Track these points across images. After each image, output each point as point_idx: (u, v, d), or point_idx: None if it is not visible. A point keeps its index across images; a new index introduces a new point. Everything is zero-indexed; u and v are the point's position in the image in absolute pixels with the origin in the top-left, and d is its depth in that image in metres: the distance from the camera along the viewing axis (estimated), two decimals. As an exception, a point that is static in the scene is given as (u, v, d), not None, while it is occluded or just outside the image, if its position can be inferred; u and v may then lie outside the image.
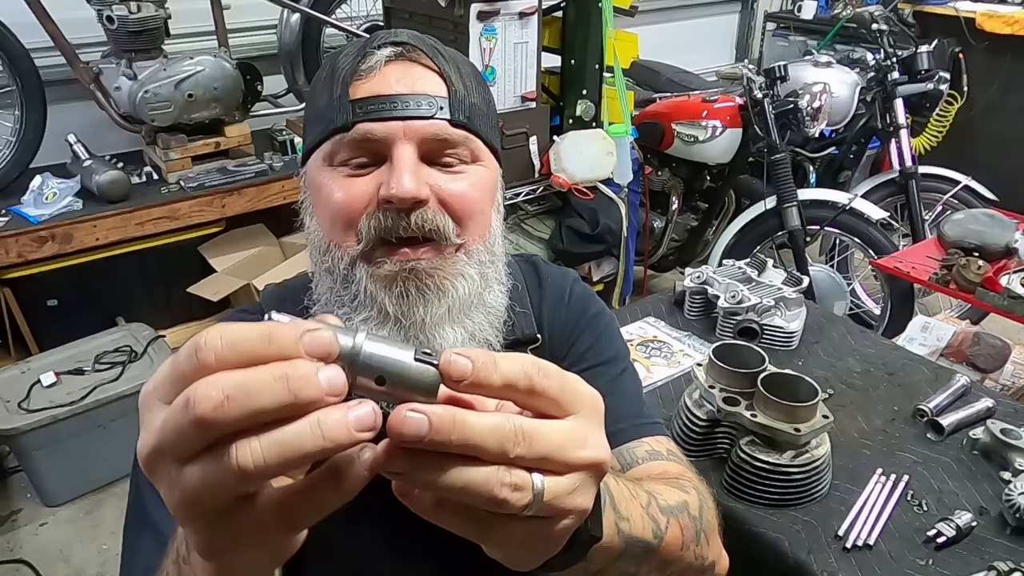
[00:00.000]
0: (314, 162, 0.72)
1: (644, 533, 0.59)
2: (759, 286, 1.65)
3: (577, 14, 2.48)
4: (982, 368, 1.85)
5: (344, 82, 0.69)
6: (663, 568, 0.63)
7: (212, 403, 0.32)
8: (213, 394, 0.32)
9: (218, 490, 0.34)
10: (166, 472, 0.35)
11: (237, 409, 0.32)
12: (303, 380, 0.33)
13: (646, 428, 0.82)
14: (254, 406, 0.32)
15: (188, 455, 0.34)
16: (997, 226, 2.11)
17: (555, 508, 0.40)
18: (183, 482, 0.34)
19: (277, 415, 0.33)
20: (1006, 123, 3.79)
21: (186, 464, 0.34)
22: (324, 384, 0.33)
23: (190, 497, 0.34)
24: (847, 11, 3.93)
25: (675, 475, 0.75)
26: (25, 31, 2.26)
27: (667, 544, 0.62)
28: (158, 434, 0.34)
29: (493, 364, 0.38)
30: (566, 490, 0.40)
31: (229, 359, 0.33)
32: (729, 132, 2.81)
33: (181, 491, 0.34)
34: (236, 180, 2.55)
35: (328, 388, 0.33)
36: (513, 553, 0.43)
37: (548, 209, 2.78)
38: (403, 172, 0.66)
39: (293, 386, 0.33)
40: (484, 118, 0.73)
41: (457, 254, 0.69)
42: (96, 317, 2.60)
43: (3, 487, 2.35)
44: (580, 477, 0.41)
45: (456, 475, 0.37)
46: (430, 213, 0.67)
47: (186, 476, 0.34)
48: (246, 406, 0.32)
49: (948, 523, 1.07)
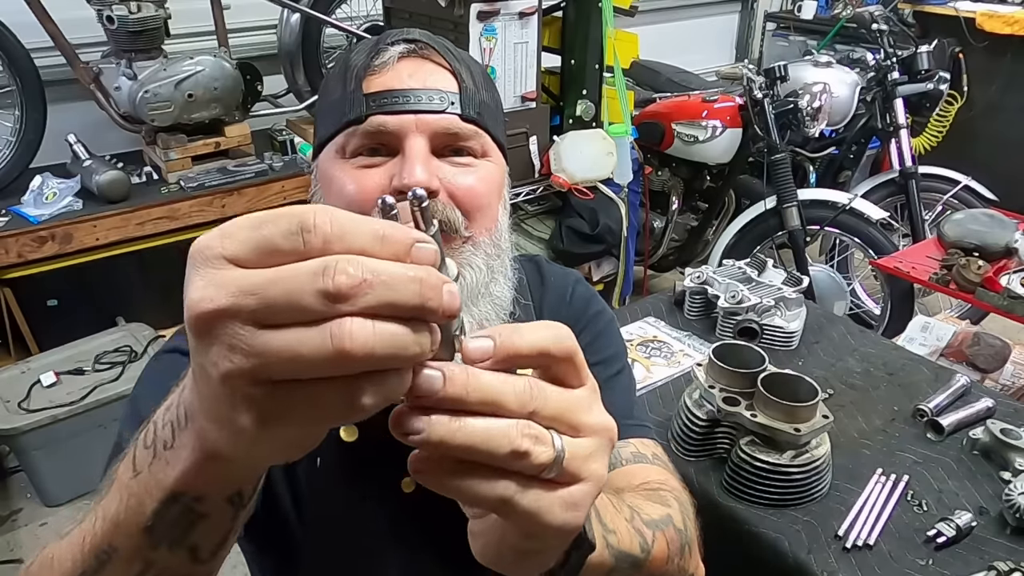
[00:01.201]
0: (326, 155, 0.74)
1: (631, 547, 0.58)
2: (759, 286, 1.65)
3: (577, 14, 2.48)
4: (982, 368, 1.85)
5: (357, 77, 0.71)
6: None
7: (353, 280, 0.31)
8: (353, 271, 0.31)
9: (298, 363, 0.31)
10: (231, 332, 0.32)
11: (374, 295, 0.31)
12: (433, 290, 0.33)
13: (634, 430, 0.82)
14: (389, 298, 0.32)
15: (281, 322, 0.32)
16: (997, 226, 2.11)
17: (574, 472, 0.39)
18: (257, 345, 0.31)
19: (401, 313, 0.32)
20: (1006, 123, 3.79)
21: (269, 329, 0.32)
22: (446, 299, 0.33)
23: (259, 364, 0.32)
24: (847, 11, 3.94)
25: (657, 482, 0.74)
26: (25, 31, 2.26)
27: (654, 558, 0.62)
28: (236, 293, 0.32)
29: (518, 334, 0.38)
30: (584, 451, 0.39)
31: (335, 249, 0.32)
32: (729, 132, 2.81)
33: (248, 354, 0.32)
34: (236, 180, 2.55)
35: (448, 305, 0.33)
36: (531, 537, 0.41)
37: (548, 209, 2.78)
38: (415, 163, 0.67)
39: (424, 292, 0.32)
40: (493, 115, 0.75)
41: (464, 246, 0.71)
42: (96, 317, 2.60)
43: (3, 487, 2.35)
44: (595, 441, 0.40)
45: (476, 425, 0.36)
46: (440, 206, 0.68)
47: (264, 340, 0.31)
48: (382, 296, 0.32)
49: (948, 523, 1.07)
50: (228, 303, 0.32)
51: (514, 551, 0.43)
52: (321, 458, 0.74)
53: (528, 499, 0.38)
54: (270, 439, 0.35)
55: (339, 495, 0.74)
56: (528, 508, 0.38)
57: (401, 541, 0.75)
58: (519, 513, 0.38)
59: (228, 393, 0.33)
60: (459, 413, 0.36)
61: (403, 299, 0.32)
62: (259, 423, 0.33)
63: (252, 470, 0.42)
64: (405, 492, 0.74)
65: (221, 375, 0.32)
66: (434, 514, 0.76)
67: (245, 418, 0.33)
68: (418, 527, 0.75)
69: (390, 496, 0.73)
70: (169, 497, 0.41)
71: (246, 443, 0.35)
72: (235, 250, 0.33)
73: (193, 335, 0.33)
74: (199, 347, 0.33)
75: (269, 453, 0.37)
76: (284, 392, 0.33)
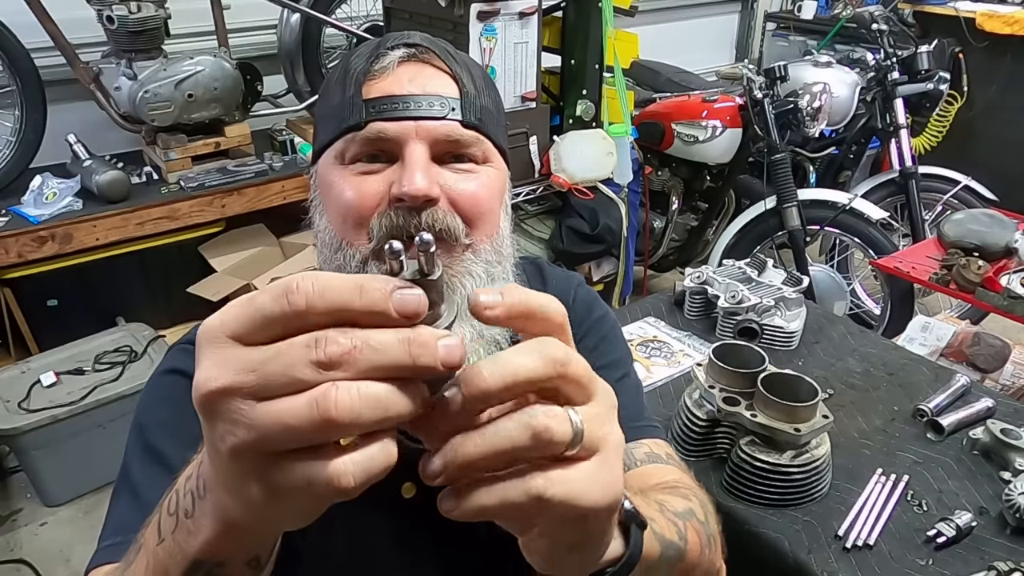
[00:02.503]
0: (325, 160, 0.73)
1: (671, 535, 0.59)
2: (759, 286, 1.65)
3: (577, 14, 2.48)
4: (982, 368, 1.85)
5: (357, 82, 0.70)
6: (689, 574, 0.62)
7: (343, 348, 0.33)
8: (343, 340, 0.33)
9: (291, 432, 0.33)
10: (233, 408, 0.34)
11: (365, 360, 0.33)
12: (423, 347, 0.34)
13: (645, 431, 0.82)
14: (380, 361, 0.34)
15: (276, 394, 0.34)
16: (997, 226, 2.11)
17: (596, 439, 0.39)
18: (255, 418, 0.34)
19: (395, 373, 0.34)
20: (1006, 123, 3.79)
21: (265, 402, 0.34)
22: (442, 354, 0.34)
23: (260, 437, 0.34)
24: (847, 11, 3.94)
25: (673, 481, 0.75)
26: (25, 31, 2.26)
27: (690, 547, 0.62)
28: (237, 371, 0.34)
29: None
30: (599, 416, 0.40)
31: (318, 306, 0.34)
32: (729, 132, 2.81)
33: (249, 428, 0.34)
34: (236, 180, 2.55)
35: (446, 358, 0.34)
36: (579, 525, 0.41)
37: (548, 209, 2.78)
38: (415, 170, 0.66)
39: (413, 351, 0.34)
40: (494, 120, 0.74)
41: (465, 253, 0.70)
42: (96, 317, 2.60)
43: (3, 487, 2.35)
44: (603, 405, 0.41)
45: (490, 429, 0.37)
46: (440, 213, 0.67)
47: (260, 412, 0.34)
48: (373, 360, 0.34)
49: (948, 523, 1.07)
50: (229, 381, 0.34)
51: (570, 548, 0.43)
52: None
53: (559, 487, 0.38)
54: (281, 508, 0.37)
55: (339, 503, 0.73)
56: (564, 496, 0.38)
57: (402, 547, 0.75)
58: (557, 504, 0.38)
59: (237, 466, 0.35)
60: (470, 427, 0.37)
61: (393, 360, 0.34)
62: (268, 494, 0.35)
63: (268, 536, 0.44)
64: (405, 498, 0.73)
65: (228, 449, 0.35)
66: (435, 520, 0.76)
67: (255, 489, 0.35)
68: (419, 533, 0.75)
69: (390, 502, 0.73)
70: (193, 564, 0.43)
71: (259, 513, 0.37)
72: (234, 326, 0.35)
73: (201, 414, 0.36)
74: (207, 424, 0.36)
75: (281, 521, 0.39)
76: (288, 463, 0.34)
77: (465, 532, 0.79)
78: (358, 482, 0.35)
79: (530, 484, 0.38)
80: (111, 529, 0.66)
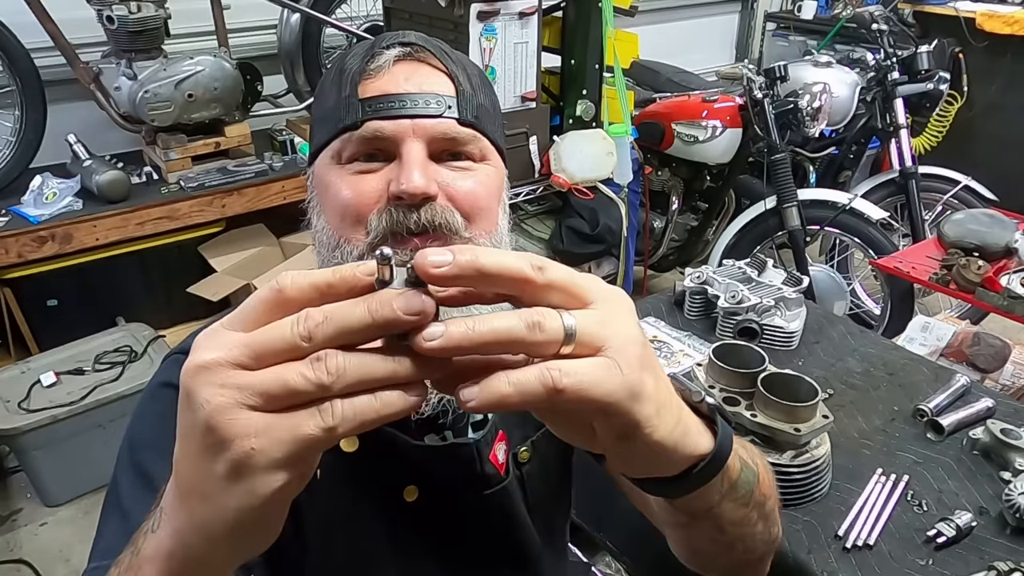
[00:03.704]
0: (322, 161, 0.73)
1: (746, 457, 0.59)
2: (759, 286, 1.65)
3: (577, 14, 2.48)
4: (982, 368, 1.85)
5: (353, 81, 0.70)
6: (763, 505, 0.63)
7: (317, 318, 0.38)
8: (315, 314, 0.38)
9: (284, 387, 0.38)
10: (222, 374, 0.38)
11: (332, 325, 0.38)
12: (382, 304, 0.38)
13: None
14: (344, 324, 0.38)
15: (265, 364, 0.38)
16: (997, 226, 2.11)
17: (592, 337, 0.41)
18: (245, 380, 0.38)
19: (366, 334, 0.39)
20: (1006, 123, 3.79)
21: (251, 369, 0.38)
22: (400, 303, 0.38)
23: (241, 395, 0.38)
24: (847, 11, 3.94)
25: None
26: (25, 31, 2.26)
27: (761, 475, 0.62)
28: (228, 347, 0.38)
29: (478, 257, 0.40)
30: (596, 318, 0.42)
31: (303, 286, 0.39)
32: (729, 132, 2.80)
33: (238, 387, 0.38)
34: (236, 180, 2.55)
35: (404, 307, 0.38)
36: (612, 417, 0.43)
37: (548, 209, 2.78)
38: (413, 168, 0.66)
39: (371, 307, 0.38)
40: (491, 118, 0.74)
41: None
42: (96, 317, 2.60)
43: (3, 487, 2.35)
44: (605, 307, 0.43)
45: (487, 317, 0.39)
46: (439, 209, 0.68)
47: (252, 374, 0.38)
48: (339, 323, 0.38)
49: (948, 523, 1.07)
50: (221, 354, 0.39)
51: (618, 438, 0.45)
52: (321, 470, 0.73)
53: (569, 377, 0.40)
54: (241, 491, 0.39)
55: (340, 506, 0.73)
56: (575, 385, 0.40)
57: (402, 550, 0.75)
58: (571, 393, 0.40)
59: (209, 438, 0.38)
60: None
61: (358, 319, 0.38)
62: (232, 468, 0.38)
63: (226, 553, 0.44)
64: (407, 501, 0.73)
65: (210, 411, 0.38)
66: (436, 523, 0.76)
67: (220, 466, 0.39)
68: (419, 536, 0.75)
69: (392, 505, 0.73)
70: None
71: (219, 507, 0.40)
72: (229, 319, 0.41)
73: (187, 389, 0.39)
74: (190, 399, 0.39)
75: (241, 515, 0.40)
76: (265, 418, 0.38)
77: (465, 535, 0.79)
78: (345, 420, 0.38)
79: (542, 372, 0.40)
80: (100, 551, 0.66)
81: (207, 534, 0.41)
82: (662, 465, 0.49)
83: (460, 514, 0.77)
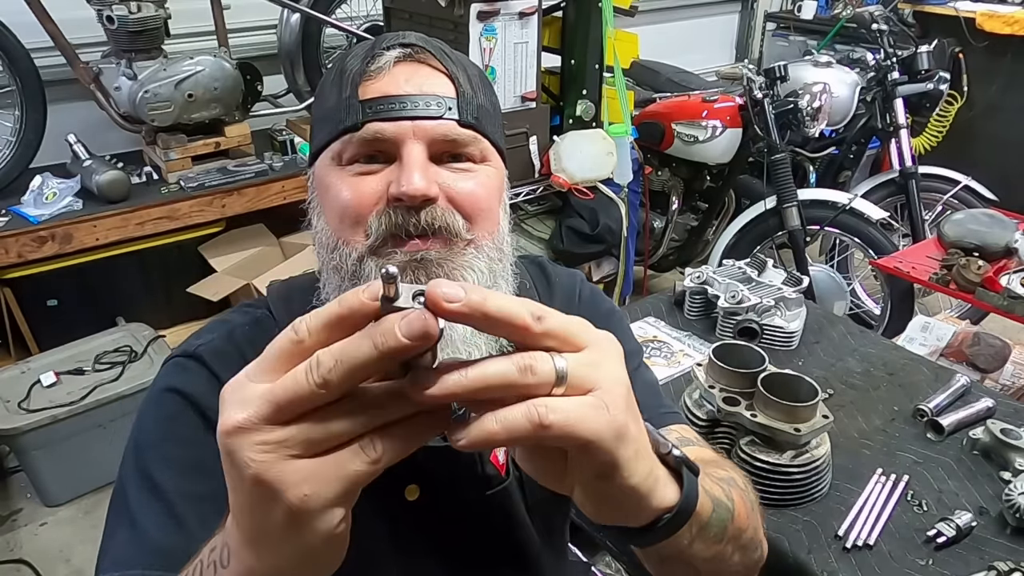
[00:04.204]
0: (322, 162, 0.73)
1: (720, 495, 0.60)
2: (759, 286, 1.65)
3: (577, 14, 2.48)
4: (982, 368, 1.85)
5: (353, 83, 0.70)
6: (738, 538, 0.63)
7: (327, 366, 0.38)
8: (325, 357, 0.38)
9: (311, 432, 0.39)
10: (251, 437, 0.39)
11: (345, 367, 0.38)
12: (385, 334, 0.38)
13: (669, 417, 0.82)
14: (354, 363, 0.38)
15: (287, 419, 0.39)
16: (997, 226, 2.11)
17: (583, 379, 0.43)
18: (278, 437, 0.39)
19: (376, 366, 0.39)
20: (1006, 123, 3.79)
21: (283, 426, 0.39)
22: (403, 330, 0.38)
23: (275, 454, 0.39)
24: (847, 11, 3.94)
25: (711, 458, 0.74)
26: (25, 31, 2.26)
27: (738, 510, 0.62)
28: (253, 405, 0.39)
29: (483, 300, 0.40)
30: (588, 361, 0.43)
31: (316, 326, 0.40)
32: (729, 132, 2.80)
33: (277, 442, 0.39)
34: (236, 180, 2.55)
35: (407, 332, 0.38)
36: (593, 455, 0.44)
37: (548, 209, 2.78)
38: (413, 170, 0.66)
39: (376, 339, 0.38)
40: (491, 119, 0.74)
41: (467, 248, 0.70)
42: (96, 317, 2.60)
43: (3, 487, 2.35)
44: (598, 351, 0.44)
45: (481, 365, 0.40)
46: (439, 211, 0.67)
47: (284, 431, 0.39)
48: (350, 364, 0.38)
49: (948, 523, 1.07)
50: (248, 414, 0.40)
51: (597, 477, 0.46)
52: None
53: (556, 413, 0.41)
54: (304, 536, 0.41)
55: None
56: (562, 422, 0.41)
57: (404, 548, 0.75)
58: (557, 430, 0.41)
59: (260, 491, 0.39)
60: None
61: (366, 354, 0.38)
62: (289, 515, 0.39)
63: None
64: (408, 500, 0.73)
65: (252, 475, 0.39)
66: (437, 522, 0.76)
67: (278, 513, 0.40)
68: (421, 535, 0.75)
69: (393, 504, 0.73)
70: None
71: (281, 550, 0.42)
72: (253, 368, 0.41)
73: (224, 452, 0.40)
74: (230, 461, 0.40)
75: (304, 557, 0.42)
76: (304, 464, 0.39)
77: (466, 535, 0.79)
78: (386, 451, 0.39)
79: (529, 409, 0.41)
80: (111, 560, 0.66)
81: (278, 572, 0.43)
82: (631, 513, 0.50)
83: (461, 514, 0.77)
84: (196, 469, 0.67)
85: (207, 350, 0.75)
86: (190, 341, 0.78)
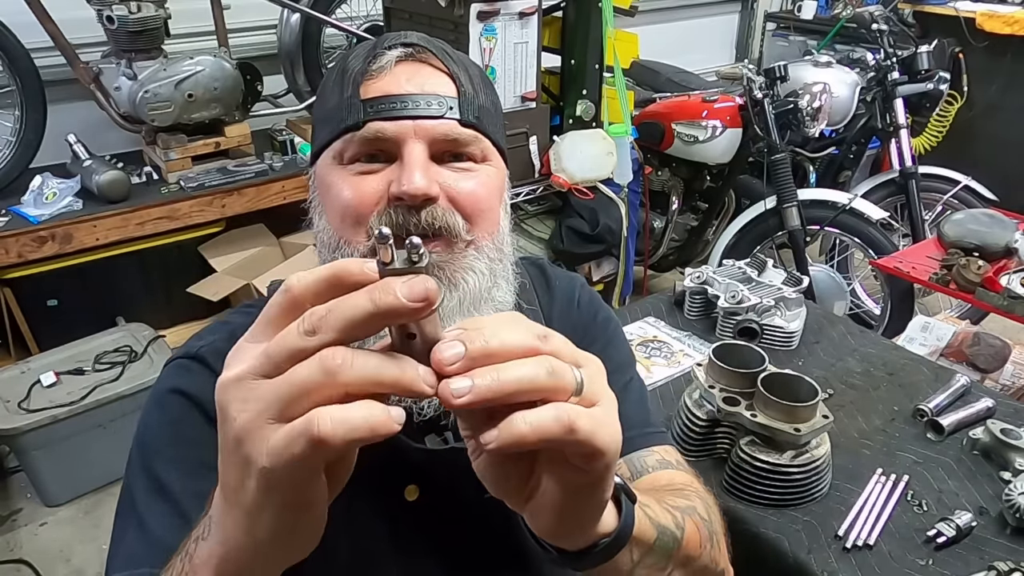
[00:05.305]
0: (323, 161, 0.73)
1: (668, 522, 0.61)
2: (759, 286, 1.65)
3: (577, 14, 2.48)
4: (982, 368, 1.85)
5: (355, 82, 0.70)
6: (687, 565, 0.64)
7: (318, 314, 0.39)
8: (319, 309, 0.39)
9: (296, 387, 0.38)
10: (244, 387, 0.40)
11: (336, 317, 0.39)
12: (384, 292, 0.38)
13: (655, 437, 0.82)
14: (349, 314, 0.38)
15: (279, 370, 0.39)
16: (997, 226, 2.11)
17: (594, 391, 0.44)
18: (264, 390, 0.39)
19: (369, 323, 0.39)
20: (1006, 123, 3.79)
21: (272, 377, 0.39)
22: (404, 290, 0.38)
23: (264, 405, 0.39)
24: (847, 11, 3.94)
25: (681, 484, 0.76)
26: (25, 31, 2.26)
27: (688, 539, 0.63)
28: (248, 359, 0.40)
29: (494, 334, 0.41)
30: (593, 374, 0.45)
31: (310, 285, 0.40)
32: (729, 132, 2.80)
33: (258, 399, 0.39)
34: (236, 180, 2.55)
35: (408, 293, 0.38)
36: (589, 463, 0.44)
37: (548, 209, 2.78)
38: (414, 169, 0.66)
39: (373, 295, 0.38)
40: (492, 119, 0.74)
41: (467, 249, 0.70)
42: (96, 317, 2.60)
43: (3, 487, 2.35)
44: (594, 367, 0.46)
45: (512, 365, 0.41)
46: (440, 211, 0.67)
47: (268, 383, 0.39)
48: (344, 315, 0.39)
49: (948, 523, 1.07)
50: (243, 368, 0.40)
51: (577, 491, 0.47)
52: None
53: (586, 419, 0.42)
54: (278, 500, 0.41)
55: (340, 504, 0.73)
56: (589, 428, 0.42)
57: (403, 549, 0.75)
58: (583, 436, 0.42)
59: (241, 451, 0.40)
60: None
61: (362, 309, 0.38)
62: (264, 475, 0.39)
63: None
64: (407, 500, 0.73)
65: (239, 427, 0.39)
66: (436, 522, 0.76)
67: (253, 476, 0.40)
68: (421, 535, 0.75)
69: (392, 504, 0.73)
70: None
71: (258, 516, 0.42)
72: (253, 331, 0.42)
73: (219, 405, 0.41)
74: (223, 415, 0.41)
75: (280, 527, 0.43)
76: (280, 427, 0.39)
77: (465, 535, 0.79)
78: (336, 429, 0.37)
79: (559, 411, 0.41)
80: (122, 560, 0.66)
81: (253, 541, 0.43)
82: (580, 530, 0.51)
83: (460, 515, 0.77)
84: (202, 468, 0.67)
85: (209, 351, 0.75)
86: (192, 343, 0.78)
